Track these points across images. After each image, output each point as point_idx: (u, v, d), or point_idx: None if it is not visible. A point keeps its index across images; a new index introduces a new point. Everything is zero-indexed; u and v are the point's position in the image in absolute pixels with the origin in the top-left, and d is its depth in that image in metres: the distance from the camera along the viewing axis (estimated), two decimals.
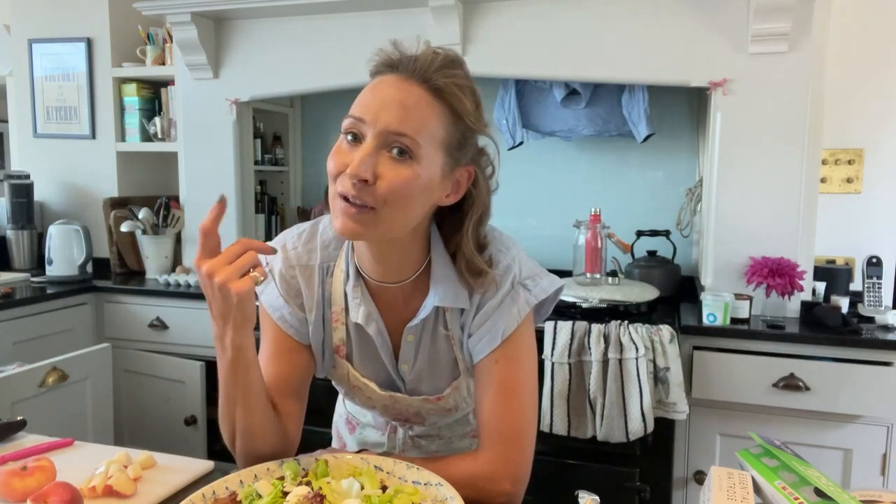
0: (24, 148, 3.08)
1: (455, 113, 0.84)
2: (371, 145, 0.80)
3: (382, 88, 0.82)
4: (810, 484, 0.78)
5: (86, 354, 1.88)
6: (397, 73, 0.83)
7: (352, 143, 0.82)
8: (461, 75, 0.85)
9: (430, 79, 0.82)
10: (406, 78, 0.82)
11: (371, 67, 0.87)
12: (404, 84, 0.82)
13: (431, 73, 0.82)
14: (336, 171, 0.82)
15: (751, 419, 1.95)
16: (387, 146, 0.80)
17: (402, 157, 0.80)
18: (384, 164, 0.80)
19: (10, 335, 2.34)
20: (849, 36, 2.29)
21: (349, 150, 0.82)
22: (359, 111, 0.82)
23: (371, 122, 0.80)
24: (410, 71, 0.82)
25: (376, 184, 0.80)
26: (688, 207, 2.50)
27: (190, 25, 2.54)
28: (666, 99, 2.53)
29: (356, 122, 0.82)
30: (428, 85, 0.82)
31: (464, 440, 1.15)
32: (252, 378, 0.86)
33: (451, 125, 0.84)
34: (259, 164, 2.95)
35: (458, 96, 0.83)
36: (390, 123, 0.80)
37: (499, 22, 2.31)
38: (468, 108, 0.84)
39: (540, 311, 0.99)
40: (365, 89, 0.85)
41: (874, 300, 2.08)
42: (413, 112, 0.80)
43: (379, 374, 1.01)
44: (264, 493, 0.80)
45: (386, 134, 0.80)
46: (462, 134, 0.85)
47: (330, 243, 0.98)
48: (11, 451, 1.02)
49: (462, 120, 0.84)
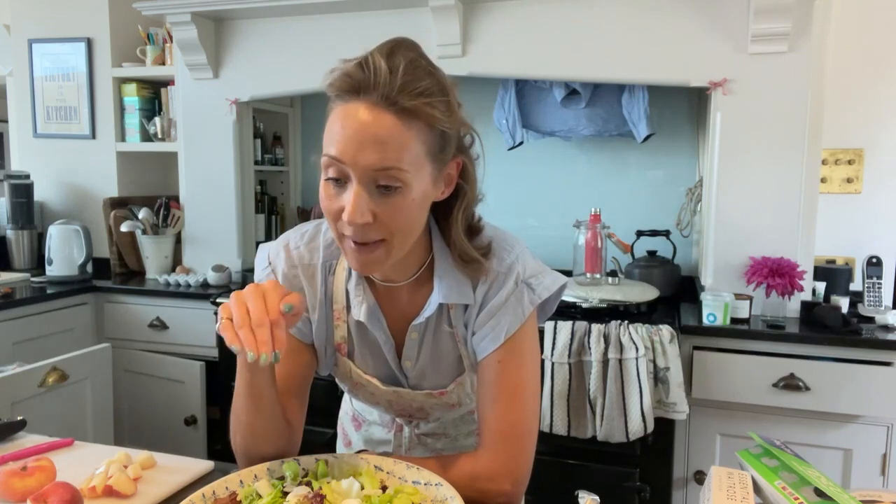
0: (24, 148, 3.09)
1: (429, 125, 0.80)
2: (360, 188, 0.78)
3: (351, 123, 0.77)
4: (810, 484, 0.78)
5: (86, 354, 1.88)
6: (360, 99, 0.78)
7: (337, 184, 0.80)
8: (422, 76, 0.79)
9: (396, 101, 0.77)
10: (373, 105, 0.77)
11: (330, 89, 0.81)
12: (373, 114, 0.77)
13: (396, 95, 0.77)
14: (333, 214, 0.82)
15: (751, 419, 1.95)
16: (374, 182, 0.79)
17: (391, 191, 0.79)
18: (378, 201, 0.79)
19: (10, 335, 2.34)
20: (849, 36, 2.29)
21: (337, 193, 0.81)
22: (335, 151, 0.78)
23: (351, 164, 0.78)
24: (376, 96, 0.77)
25: (377, 221, 0.80)
26: (688, 207, 2.50)
27: (190, 25, 2.54)
28: (666, 99, 2.53)
29: (335, 162, 0.79)
30: (396, 108, 0.77)
31: (469, 438, 1.15)
32: (265, 387, 0.86)
33: (428, 136, 0.80)
34: (259, 164, 2.95)
35: (427, 112, 0.79)
36: (372, 162, 0.77)
37: (499, 22, 2.31)
38: (441, 115, 0.80)
39: (544, 310, 0.99)
40: (333, 119, 0.80)
41: (874, 300, 2.08)
42: (390, 143, 0.77)
43: (381, 371, 1.01)
44: (264, 493, 0.80)
45: (370, 172, 0.78)
46: (441, 137, 0.82)
47: (332, 242, 0.98)
48: (11, 451, 1.02)
49: (440, 124, 0.81)
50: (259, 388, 0.86)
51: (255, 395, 0.86)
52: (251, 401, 0.87)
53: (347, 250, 0.84)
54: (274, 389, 0.88)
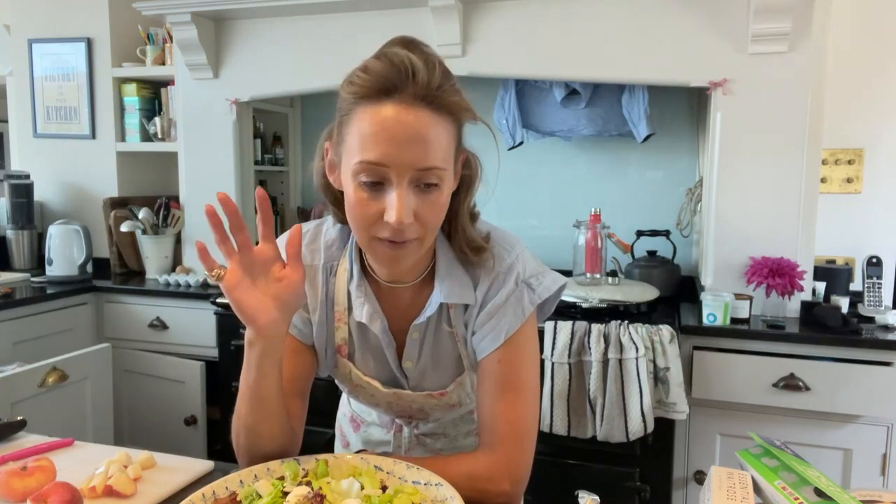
0: (24, 148, 3.09)
1: (458, 120, 0.83)
2: (402, 189, 0.78)
3: (391, 125, 0.76)
4: (810, 484, 0.78)
5: (86, 354, 1.88)
6: (395, 98, 0.76)
7: (373, 188, 0.78)
8: (448, 71, 0.82)
9: (434, 98, 0.77)
10: (409, 104, 0.76)
11: (355, 93, 0.78)
12: (411, 112, 0.76)
13: (435, 91, 0.77)
14: (369, 221, 0.80)
15: (751, 419, 1.95)
16: (415, 181, 0.79)
17: (431, 188, 0.80)
18: (418, 200, 0.80)
19: (10, 335, 2.34)
20: (849, 36, 2.29)
21: (373, 197, 0.79)
22: (375, 155, 0.76)
23: (395, 165, 0.76)
24: (412, 94, 0.76)
25: (416, 219, 0.80)
26: (688, 207, 2.50)
27: (190, 25, 2.54)
28: (666, 99, 2.53)
29: (375, 167, 0.77)
30: (433, 105, 0.77)
31: (469, 438, 1.15)
32: (268, 385, 0.85)
33: (454, 131, 0.83)
34: (259, 164, 2.95)
35: (464, 107, 0.81)
36: (418, 162, 0.77)
37: (499, 22, 2.31)
38: (470, 110, 0.83)
39: (543, 310, 0.99)
40: (365, 123, 0.77)
41: (874, 300, 2.08)
42: (431, 141, 0.77)
43: (381, 373, 1.01)
44: (264, 493, 0.80)
45: (414, 172, 0.78)
46: (460, 131, 0.86)
47: (333, 243, 0.98)
48: (11, 451, 1.02)
49: (461, 119, 0.84)
50: (265, 390, 0.85)
51: (260, 398, 0.86)
52: (256, 402, 0.86)
53: (379, 251, 0.83)
54: (279, 390, 0.87)
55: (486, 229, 0.96)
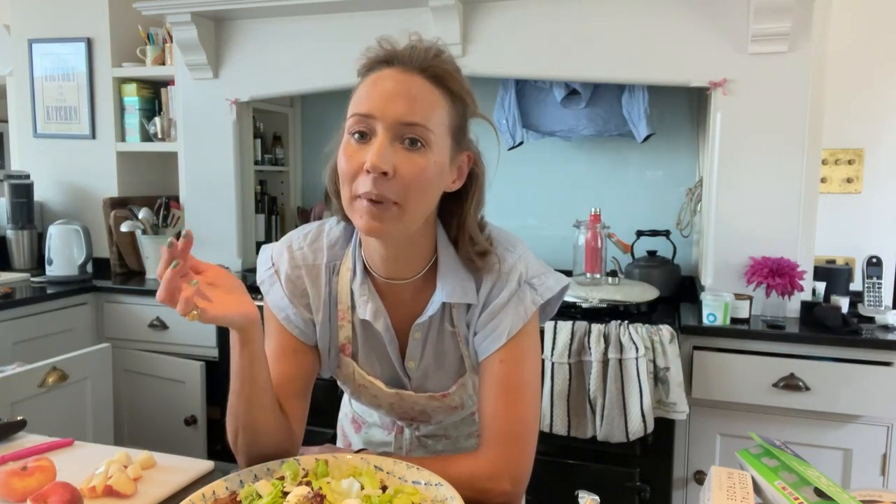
0: (24, 148, 3.08)
1: (456, 97, 0.85)
2: (385, 138, 0.80)
3: (383, 82, 0.82)
4: (810, 484, 0.78)
5: (86, 354, 1.88)
6: (394, 66, 0.83)
7: (360, 142, 0.82)
8: (452, 61, 0.87)
9: (428, 67, 0.83)
10: (405, 69, 0.82)
11: (362, 65, 0.86)
12: (405, 75, 0.82)
13: (430, 61, 0.83)
14: (352, 172, 0.82)
15: (751, 419, 1.95)
16: (399, 138, 0.81)
17: (416, 147, 0.81)
18: (400, 156, 0.80)
19: (10, 335, 2.34)
20: (849, 36, 2.29)
21: (360, 149, 0.82)
22: (364, 107, 0.81)
23: (380, 117, 0.80)
24: (408, 62, 0.83)
25: (396, 176, 0.80)
26: (688, 207, 2.50)
27: (190, 25, 2.54)
28: (666, 99, 2.53)
29: (363, 118, 0.81)
30: (427, 73, 0.83)
31: (470, 440, 1.15)
32: (257, 372, 0.85)
33: (453, 110, 0.85)
34: (259, 164, 2.95)
35: (457, 80, 0.85)
36: (401, 115, 0.80)
37: (499, 22, 2.31)
38: (467, 89, 0.87)
39: (545, 310, 0.99)
40: (363, 86, 0.84)
41: (874, 300, 2.08)
42: (420, 100, 0.81)
43: (385, 372, 1.01)
44: (264, 493, 0.80)
45: (398, 125, 0.80)
46: (463, 117, 0.88)
47: (336, 242, 0.98)
48: (11, 451, 1.02)
49: (462, 101, 0.86)
50: (259, 379, 0.85)
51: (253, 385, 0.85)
52: (247, 395, 0.86)
53: (358, 211, 0.82)
54: (268, 378, 0.88)
55: (488, 230, 0.96)
